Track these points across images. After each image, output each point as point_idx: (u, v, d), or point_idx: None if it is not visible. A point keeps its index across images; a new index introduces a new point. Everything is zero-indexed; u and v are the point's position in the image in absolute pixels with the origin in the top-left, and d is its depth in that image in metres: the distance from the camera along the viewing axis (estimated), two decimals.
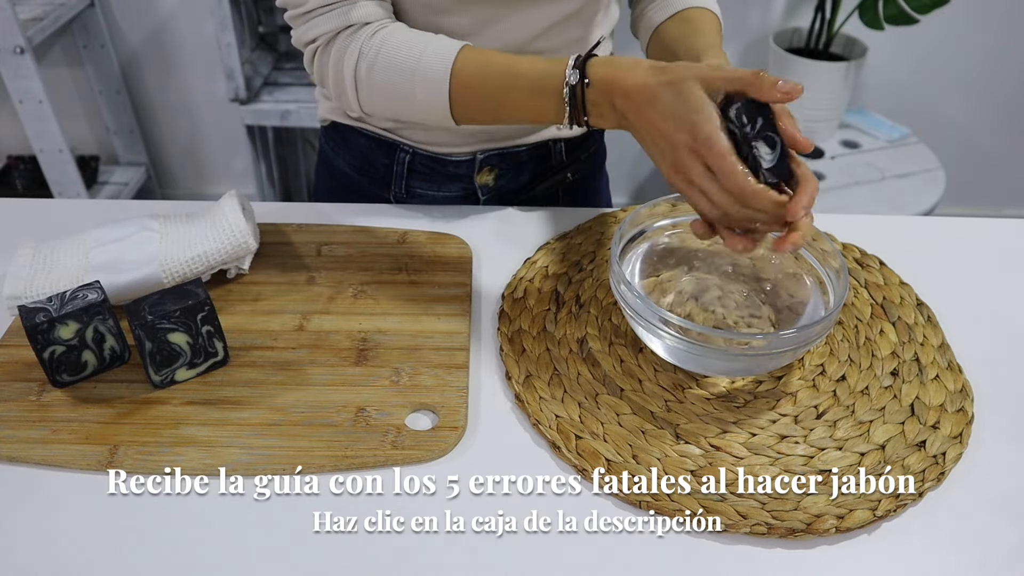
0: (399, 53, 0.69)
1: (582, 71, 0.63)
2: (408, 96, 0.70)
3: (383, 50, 0.69)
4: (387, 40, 0.69)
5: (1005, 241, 0.84)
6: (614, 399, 0.63)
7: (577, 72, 0.63)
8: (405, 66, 0.69)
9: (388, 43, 0.69)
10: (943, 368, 0.66)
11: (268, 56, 2.04)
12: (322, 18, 0.70)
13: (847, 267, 0.64)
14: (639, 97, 0.59)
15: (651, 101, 0.59)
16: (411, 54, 0.69)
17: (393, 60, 0.69)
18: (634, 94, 0.60)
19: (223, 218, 0.72)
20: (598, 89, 0.62)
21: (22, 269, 0.69)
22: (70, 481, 0.56)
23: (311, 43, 0.73)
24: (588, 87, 0.63)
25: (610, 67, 0.62)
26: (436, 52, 0.68)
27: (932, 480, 0.57)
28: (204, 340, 0.62)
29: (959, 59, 2.03)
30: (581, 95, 0.63)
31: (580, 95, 0.63)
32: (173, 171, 2.28)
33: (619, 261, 0.66)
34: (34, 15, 1.76)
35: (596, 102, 0.63)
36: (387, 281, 0.75)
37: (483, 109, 0.70)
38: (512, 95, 0.67)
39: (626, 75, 0.61)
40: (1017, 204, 2.28)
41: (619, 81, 0.61)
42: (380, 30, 0.70)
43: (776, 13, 2.01)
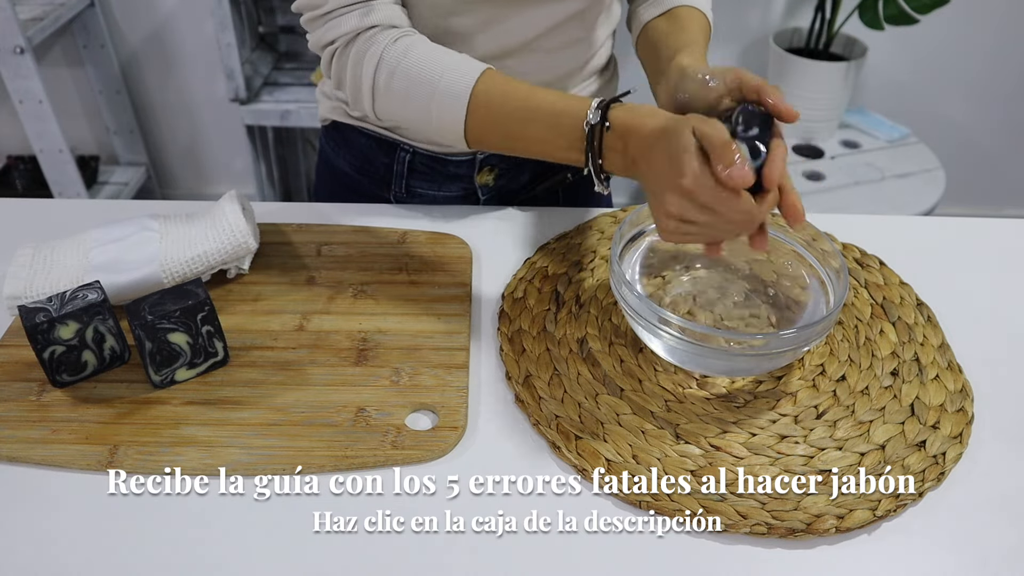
0: (421, 67, 0.68)
1: (604, 113, 0.62)
2: (423, 112, 0.69)
3: (404, 60, 0.68)
4: (410, 51, 0.68)
5: (1005, 241, 0.84)
6: (614, 399, 0.63)
7: (599, 113, 0.62)
8: (425, 81, 0.68)
9: (411, 54, 0.68)
10: (943, 368, 0.66)
11: (268, 56, 2.04)
12: (342, 19, 0.69)
13: (847, 267, 0.64)
14: (647, 141, 0.60)
15: (653, 146, 0.59)
16: (433, 70, 0.68)
17: (414, 73, 0.68)
18: (646, 139, 0.60)
19: (223, 218, 0.72)
20: (616, 134, 0.62)
21: (22, 269, 0.69)
22: (70, 481, 0.56)
23: (329, 45, 0.71)
24: (608, 131, 0.62)
25: (631, 113, 0.62)
26: (458, 72, 0.67)
27: (932, 480, 0.57)
28: (204, 340, 0.62)
29: (959, 59, 2.03)
30: (599, 137, 0.63)
31: (599, 137, 0.63)
32: (173, 171, 2.28)
33: (619, 261, 0.66)
34: (34, 15, 1.76)
35: (612, 147, 0.63)
36: (387, 281, 0.75)
37: (497, 135, 0.69)
38: (529, 126, 0.67)
39: (644, 122, 0.60)
40: (1017, 204, 2.28)
41: (636, 128, 0.61)
42: (403, 38, 0.69)
43: (776, 13, 2.01)
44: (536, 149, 0.68)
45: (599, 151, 0.63)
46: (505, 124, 0.68)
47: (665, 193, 0.57)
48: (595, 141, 0.63)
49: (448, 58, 0.69)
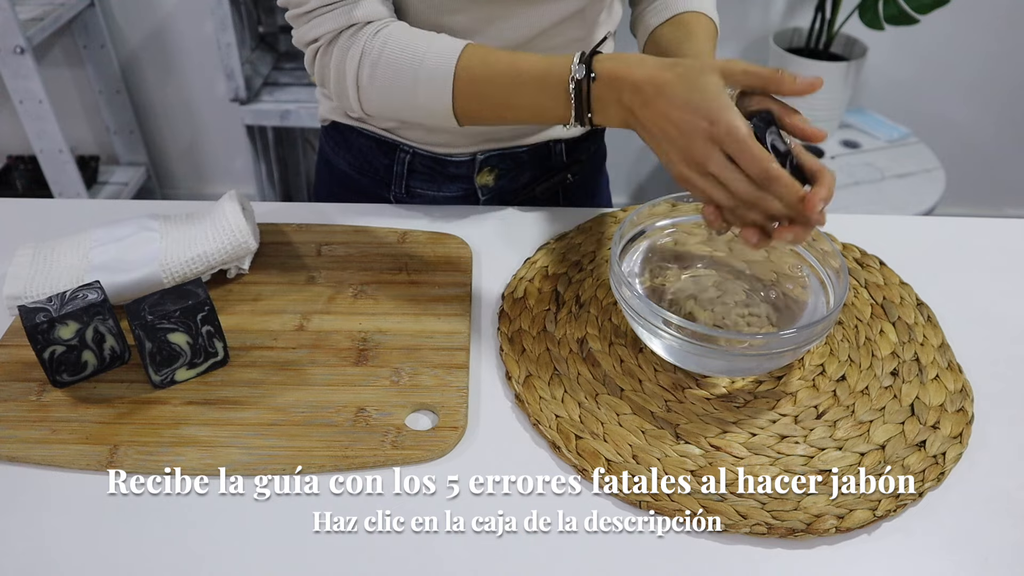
0: (402, 53, 0.68)
1: (588, 66, 0.62)
2: (410, 96, 0.69)
3: (385, 50, 0.69)
4: (389, 40, 0.69)
5: (1005, 241, 0.84)
6: (614, 399, 0.63)
7: (583, 67, 0.62)
8: (408, 66, 0.68)
9: (390, 43, 0.69)
10: (943, 368, 0.66)
11: (268, 56, 2.04)
12: (324, 17, 0.70)
13: (847, 267, 0.64)
14: (649, 89, 0.59)
15: (663, 92, 0.58)
16: (414, 53, 0.68)
17: (396, 60, 0.68)
18: (644, 86, 0.59)
19: (223, 218, 0.72)
20: (605, 84, 0.62)
21: (22, 269, 0.69)
22: (70, 481, 0.56)
23: (312, 43, 0.72)
24: (594, 82, 0.62)
25: (617, 62, 0.61)
26: (439, 51, 0.68)
27: (932, 480, 0.57)
28: (204, 340, 0.62)
29: (959, 59, 2.03)
30: (587, 90, 0.62)
31: (586, 90, 0.62)
32: (173, 171, 2.28)
33: (619, 261, 0.66)
34: (34, 15, 1.76)
35: (602, 97, 0.62)
36: (387, 281, 0.75)
37: (486, 108, 0.69)
38: (516, 92, 0.67)
39: (634, 69, 0.60)
40: (1017, 204, 2.28)
41: (627, 75, 0.60)
42: (382, 29, 0.70)
43: (776, 13, 2.01)
44: (527, 115, 0.68)
45: (588, 105, 0.63)
46: (492, 95, 0.68)
47: (690, 138, 0.57)
48: (583, 95, 0.63)
49: (427, 39, 0.69)
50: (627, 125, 0.63)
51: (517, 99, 0.67)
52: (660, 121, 0.59)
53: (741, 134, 0.55)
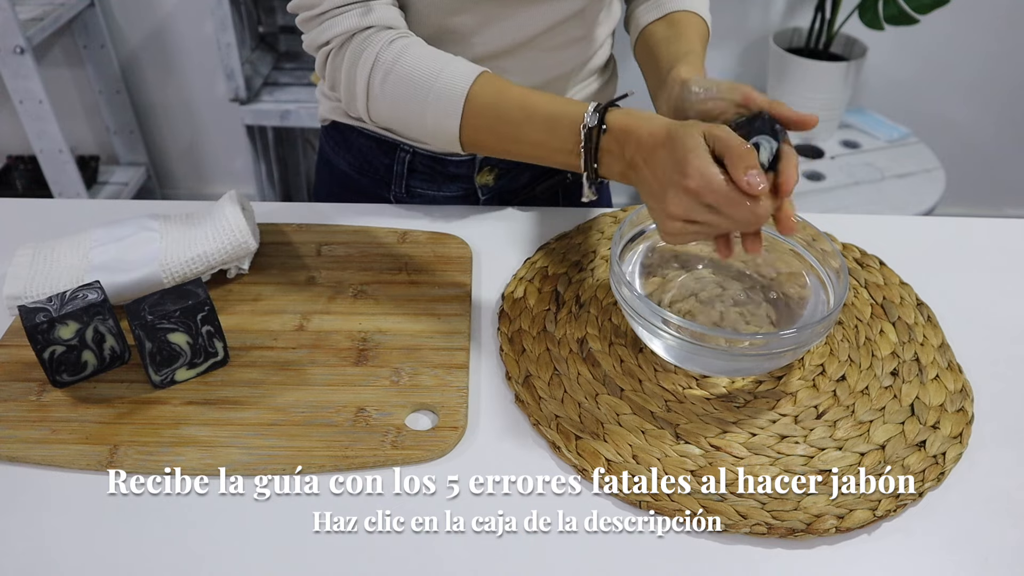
0: (416, 69, 0.68)
1: (602, 116, 0.62)
2: (418, 115, 0.69)
3: (400, 62, 0.68)
4: (405, 53, 0.68)
5: (1005, 241, 0.84)
6: (614, 399, 0.63)
7: (596, 116, 0.62)
8: (420, 83, 0.67)
9: (406, 56, 0.68)
10: (943, 368, 0.66)
11: (268, 56, 2.04)
12: (337, 19, 0.69)
13: (847, 267, 0.64)
14: (648, 144, 0.59)
15: (653, 150, 0.59)
16: (428, 73, 0.67)
17: (409, 74, 0.68)
18: (645, 141, 0.60)
19: (223, 218, 0.72)
20: (613, 137, 0.62)
21: (22, 269, 0.69)
22: (70, 481, 0.56)
23: (324, 46, 0.71)
24: (605, 133, 0.62)
25: (628, 117, 0.61)
26: (453, 75, 0.67)
27: (932, 480, 0.57)
28: (204, 340, 0.62)
29: (959, 59, 2.03)
30: (596, 140, 0.63)
31: (595, 140, 0.62)
32: (173, 171, 2.28)
33: (619, 261, 0.66)
34: (34, 15, 1.76)
35: (609, 149, 0.62)
36: (387, 281, 0.75)
37: (493, 139, 0.69)
38: (525, 128, 0.66)
39: (641, 125, 0.60)
40: (1017, 204, 2.28)
41: (635, 130, 0.60)
42: (399, 39, 0.69)
43: (776, 13, 2.01)
44: (531, 153, 0.68)
45: (595, 155, 0.63)
46: (500, 128, 0.67)
47: (668, 193, 0.57)
48: (590, 145, 0.63)
49: (443, 61, 0.68)
50: (626, 179, 0.63)
51: (525, 135, 0.67)
52: (648, 176, 0.59)
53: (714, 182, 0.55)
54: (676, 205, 0.57)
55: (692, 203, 0.56)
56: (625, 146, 0.61)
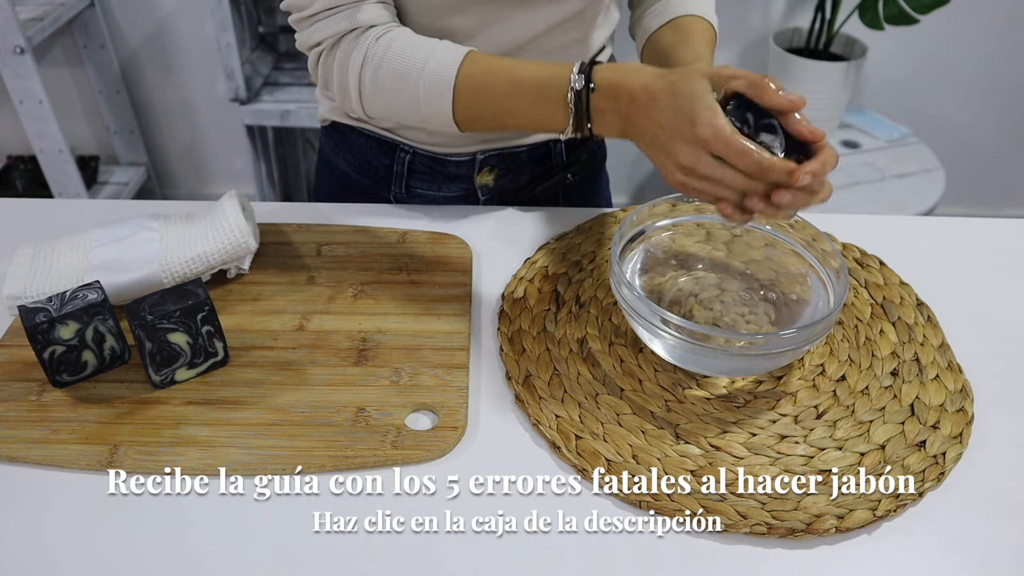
0: (403, 58, 0.69)
1: (587, 76, 0.62)
2: (411, 101, 0.70)
3: (388, 55, 0.69)
4: (392, 45, 0.69)
5: (1005, 241, 0.84)
6: (614, 399, 0.63)
7: (582, 77, 0.62)
8: (409, 71, 0.68)
9: (393, 48, 0.69)
10: (943, 368, 0.66)
11: (268, 56, 2.04)
12: (327, 21, 0.70)
13: (847, 267, 0.64)
14: (643, 98, 0.59)
15: (654, 100, 0.58)
16: (415, 59, 0.68)
17: (397, 65, 0.69)
18: (638, 95, 0.60)
19: (223, 218, 0.72)
20: (603, 94, 0.62)
21: (22, 269, 0.69)
22: (70, 481, 0.56)
23: (316, 46, 0.72)
24: (593, 92, 0.62)
25: (615, 72, 0.61)
26: (441, 58, 0.68)
27: (932, 480, 0.57)
28: (204, 340, 0.62)
29: (959, 59, 2.03)
30: (586, 100, 0.63)
31: (585, 100, 0.63)
32: (173, 171, 2.28)
33: (619, 261, 0.66)
34: (34, 15, 1.76)
35: (600, 108, 0.63)
36: (387, 281, 0.75)
37: (486, 116, 0.70)
38: (516, 101, 0.67)
39: (631, 78, 0.60)
40: (1017, 204, 2.28)
41: (624, 84, 0.61)
42: (385, 34, 0.70)
43: (776, 13, 2.01)
44: (526, 123, 0.69)
45: (587, 115, 0.63)
46: (493, 102, 0.68)
47: (677, 143, 0.57)
48: (582, 105, 0.63)
49: (430, 46, 0.69)
50: (624, 135, 0.63)
51: (516, 108, 0.67)
52: (652, 128, 0.59)
53: (723, 133, 0.55)
54: (686, 155, 0.57)
55: (700, 154, 0.56)
56: (618, 101, 0.61)
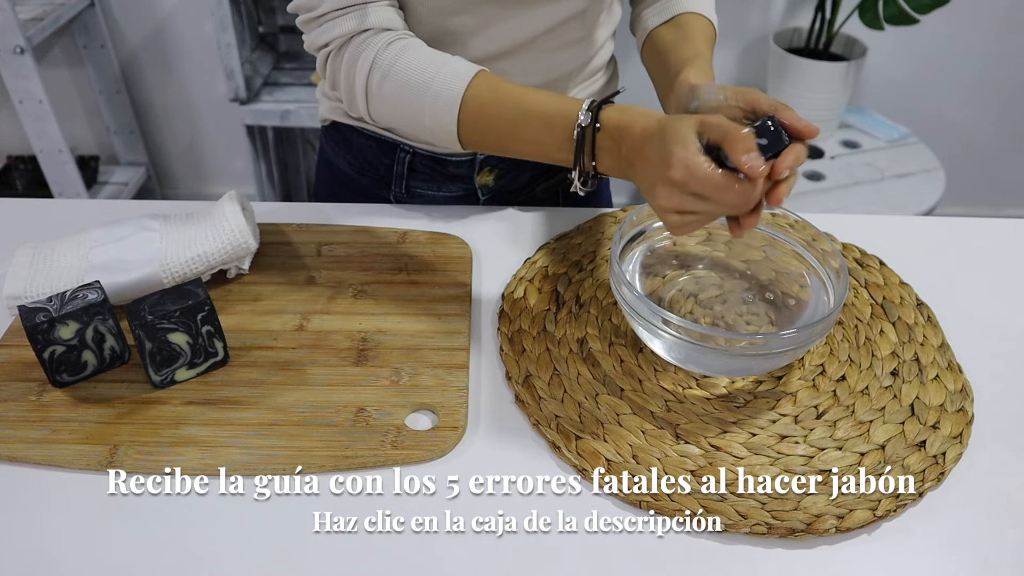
0: (412, 70, 0.68)
1: (595, 115, 0.62)
2: (417, 115, 0.69)
3: (397, 64, 0.68)
4: (402, 55, 0.68)
5: (1005, 241, 0.84)
6: (614, 399, 0.63)
7: (590, 115, 0.62)
8: (417, 85, 0.68)
9: (403, 58, 0.68)
10: (943, 368, 0.66)
11: (268, 56, 2.04)
12: (336, 21, 0.69)
13: (847, 267, 0.64)
14: (641, 139, 0.59)
15: (646, 143, 0.59)
16: (425, 73, 0.68)
17: (406, 77, 0.68)
18: (638, 137, 0.60)
19: (223, 218, 0.72)
20: (608, 134, 0.62)
21: (22, 269, 0.69)
22: (70, 481, 0.56)
23: (324, 47, 0.72)
24: (599, 132, 0.62)
25: (622, 114, 0.61)
26: (449, 76, 0.67)
27: (932, 480, 0.57)
28: (204, 340, 0.62)
29: (959, 59, 2.03)
30: (591, 138, 0.63)
31: (590, 138, 0.63)
32: (173, 171, 2.28)
33: (619, 261, 0.66)
34: (34, 15, 1.76)
35: (604, 147, 0.63)
36: (387, 281, 0.75)
37: (491, 138, 0.69)
38: (521, 129, 0.67)
39: (635, 121, 0.60)
40: (1017, 204, 2.28)
41: (629, 127, 0.60)
42: (396, 41, 0.69)
43: (776, 13, 2.01)
44: (529, 151, 0.68)
45: (592, 152, 0.63)
46: (497, 126, 0.68)
47: (656, 187, 0.57)
48: (586, 142, 0.63)
49: (440, 61, 0.68)
50: (624, 176, 0.63)
51: (522, 134, 0.67)
52: (643, 170, 0.59)
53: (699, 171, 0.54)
54: (664, 198, 0.57)
55: (680, 194, 0.56)
56: (621, 143, 0.61)
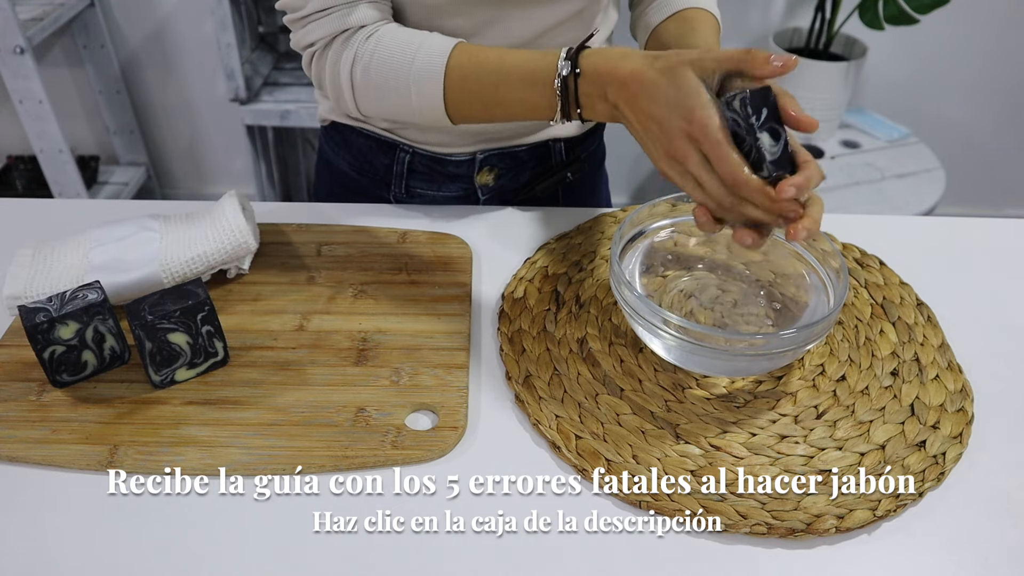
0: (393, 54, 0.69)
1: (574, 62, 0.62)
2: (403, 96, 0.70)
3: (377, 52, 0.69)
4: (381, 41, 0.69)
5: (1005, 241, 0.84)
6: (614, 399, 0.63)
7: (569, 63, 0.62)
8: (399, 66, 0.69)
9: (382, 44, 0.69)
10: (943, 368, 0.66)
11: (268, 56, 2.04)
12: (320, 22, 0.70)
13: (847, 267, 0.64)
14: (633, 86, 0.59)
15: (645, 89, 0.58)
16: (405, 54, 0.68)
17: (387, 61, 0.69)
18: (628, 83, 0.59)
19: (223, 218, 0.72)
20: (590, 80, 0.62)
21: (22, 269, 0.69)
22: (70, 481, 0.56)
23: (309, 47, 0.73)
24: (580, 77, 0.62)
25: (602, 57, 0.61)
26: (430, 51, 0.68)
27: (932, 480, 0.57)
28: (204, 340, 0.62)
29: (959, 59, 2.03)
30: (573, 86, 0.62)
31: (572, 86, 0.62)
32: (173, 171, 2.28)
33: (619, 261, 0.66)
34: (34, 15, 1.76)
35: (588, 93, 0.62)
36: (387, 281, 0.75)
37: (478, 106, 0.69)
38: (505, 90, 0.67)
39: (619, 64, 0.60)
40: (1017, 204, 2.28)
41: (612, 71, 0.60)
42: (375, 32, 0.70)
43: (776, 13, 2.01)
44: (517, 112, 0.68)
45: (576, 100, 0.63)
46: (482, 93, 0.68)
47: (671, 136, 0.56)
48: (569, 92, 0.63)
49: (418, 39, 0.69)
50: (614, 119, 0.63)
51: (506, 96, 0.67)
52: (643, 118, 0.59)
53: (715, 136, 0.54)
54: (678, 149, 0.56)
55: (691, 150, 0.56)
56: (607, 88, 0.61)
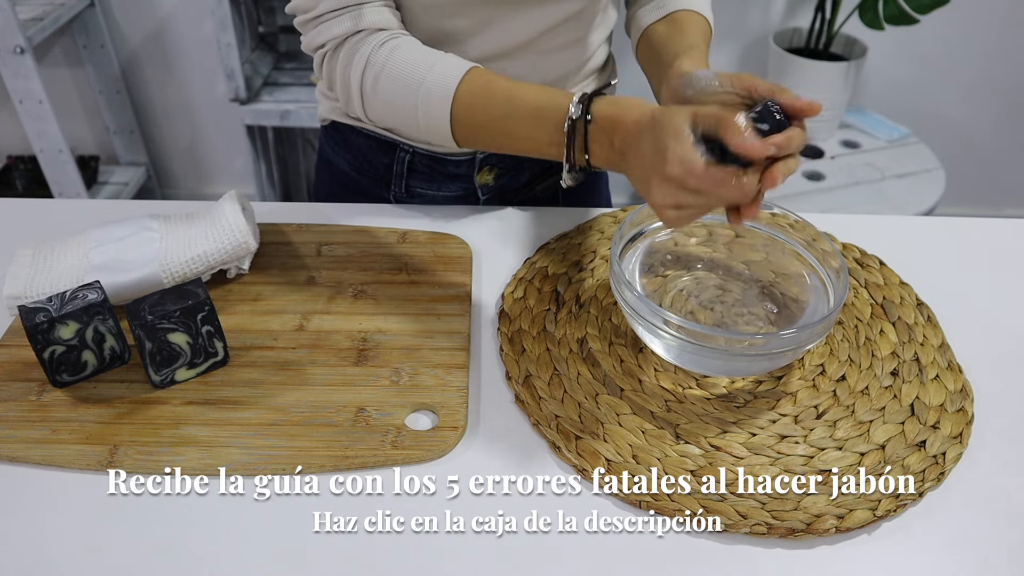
0: (404, 69, 0.68)
1: (586, 107, 0.62)
2: (410, 114, 0.69)
3: (389, 63, 0.68)
4: (394, 53, 0.69)
5: (1005, 241, 0.84)
6: (614, 399, 0.63)
7: (581, 107, 0.62)
8: (409, 83, 0.68)
9: (395, 57, 0.68)
10: (943, 368, 0.66)
11: (268, 56, 2.04)
12: (332, 23, 0.70)
13: (847, 267, 0.64)
14: (634, 132, 0.59)
15: (640, 136, 0.58)
16: (417, 71, 0.68)
17: (398, 75, 0.68)
18: (631, 129, 0.59)
19: (223, 218, 0.72)
20: (600, 127, 0.61)
21: (22, 269, 0.69)
22: (70, 481, 0.56)
23: (320, 48, 0.72)
24: (590, 124, 0.62)
25: (614, 106, 0.61)
26: (441, 73, 0.68)
27: (932, 480, 0.57)
28: (204, 340, 0.62)
29: (959, 59, 2.03)
30: (583, 131, 0.62)
31: (582, 131, 0.62)
32: (173, 171, 2.28)
33: (619, 261, 0.66)
34: (34, 15, 1.76)
35: (596, 139, 0.62)
36: (387, 281, 0.75)
37: (483, 135, 0.69)
38: (513, 124, 0.66)
39: (626, 113, 0.60)
40: (1017, 204, 2.28)
41: (620, 119, 0.60)
42: (389, 40, 0.69)
43: (776, 13, 2.01)
44: (522, 146, 0.68)
45: (584, 145, 0.63)
46: (490, 122, 0.68)
47: (652, 183, 0.56)
48: (577, 135, 0.63)
49: (432, 59, 0.69)
50: (617, 168, 0.62)
51: (513, 130, 0.67)
52: (636, 164, 0.58)
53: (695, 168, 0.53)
54: (661, 195, 0.56)
55: (677, 190, 0.55)
56: (613, 135, 0.61)
